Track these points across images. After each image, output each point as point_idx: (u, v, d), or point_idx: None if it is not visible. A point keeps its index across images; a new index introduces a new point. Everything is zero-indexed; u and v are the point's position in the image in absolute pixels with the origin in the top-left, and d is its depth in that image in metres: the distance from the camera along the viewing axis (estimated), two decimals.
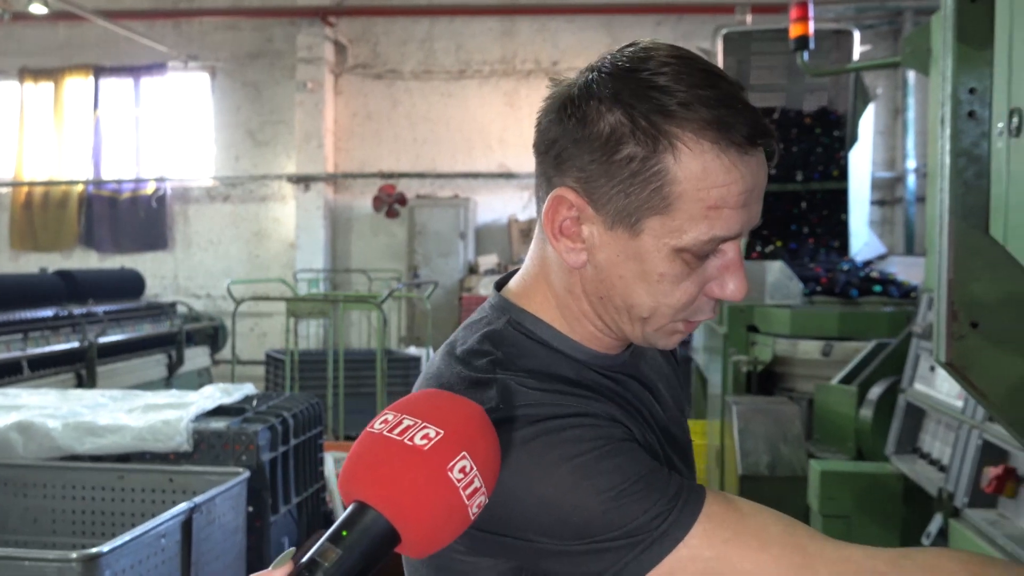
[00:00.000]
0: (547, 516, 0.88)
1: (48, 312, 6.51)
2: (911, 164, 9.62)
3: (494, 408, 0.89)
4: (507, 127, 10.55)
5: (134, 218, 11.02)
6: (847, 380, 3.30)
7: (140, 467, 2.92)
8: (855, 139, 5.18)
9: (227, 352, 8.53)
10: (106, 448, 2.99)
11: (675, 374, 1.18)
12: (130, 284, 8.47)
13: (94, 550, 2.05)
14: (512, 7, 10.57)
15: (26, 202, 11.20)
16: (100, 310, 7.04)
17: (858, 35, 5.48)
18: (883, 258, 5.09)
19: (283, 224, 10.94)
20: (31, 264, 10.43)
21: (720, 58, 5.41)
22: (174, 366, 7.47)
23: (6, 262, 11.13)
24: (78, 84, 11.07)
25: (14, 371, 5.67)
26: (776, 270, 4.04)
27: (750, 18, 7.34)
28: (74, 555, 2.04)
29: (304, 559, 0.75)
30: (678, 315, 0.95)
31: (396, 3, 10.70)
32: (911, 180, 9.57)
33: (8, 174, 11.31)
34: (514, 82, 10.62)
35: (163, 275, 11.04)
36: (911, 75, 9.21)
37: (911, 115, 9.60)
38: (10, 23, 9.92)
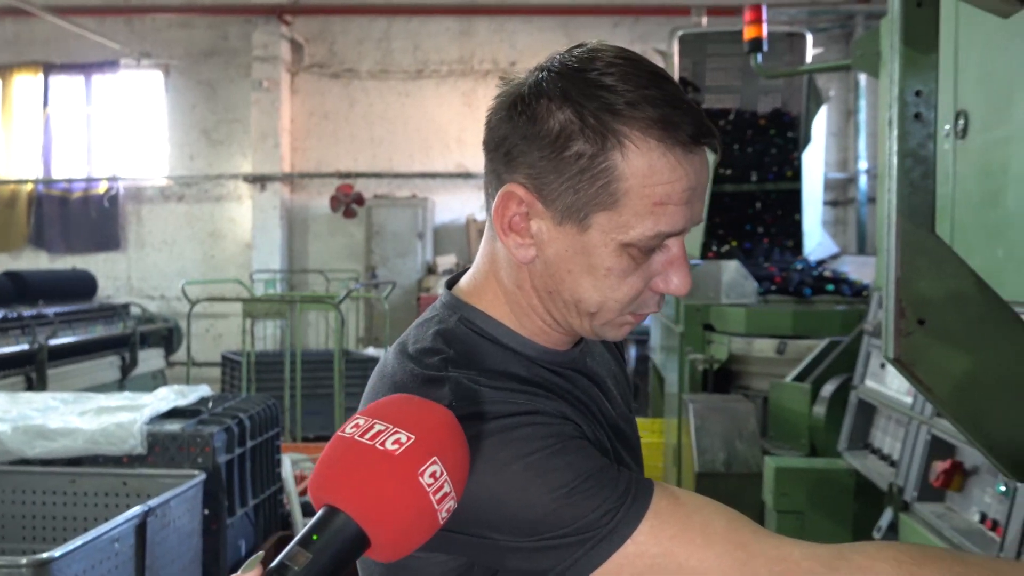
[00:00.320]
0: (499, 513, 0.89)
1: None
2: (863, 165, 9.79)
3: (447, 406, 0.90)
4: (465, 127, 10.54)
5: (86, 218, 10.83)
6: (801, 378, 3.35)
7: (92, 471, 2.88)
8: (808, 140, 5.25)
9: (182, 354, 8.42)
10: (57, 452, 2.94)
11: (623, 372, 1.19)
12: (82, 285, 8.33)
13: (45, 555, 2.02)
14: (470, 7, 10.56)
15: None
16: (50, 312, 6.92)
17: (811, 38, 5.57)
18: (836, 257, 5.15)
19: (239, 224, 10.82)
20: None
21: (676, 59, 5.45)
22: (127, 368, 7.36)
23: None
24: (27, 81, 10.84)
25: None
26: (731, 269, 4.08)
27: (705, 20, 7.41)
28: (24, 560, 2.01)
29: (274, 563, 0.75)
30: (625, 309, 0.97)
31: (353, 2, 10.63)
32: (863, 181, 9.73)
33: None
34: (472, 82, 10.61)
35: (116, 276, 10.86)
36: (863, 78, 9.36)
37: (863, 117, 9.77)
38: None
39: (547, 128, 0.91)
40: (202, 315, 9.43)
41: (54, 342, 6.43)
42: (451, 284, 1.08)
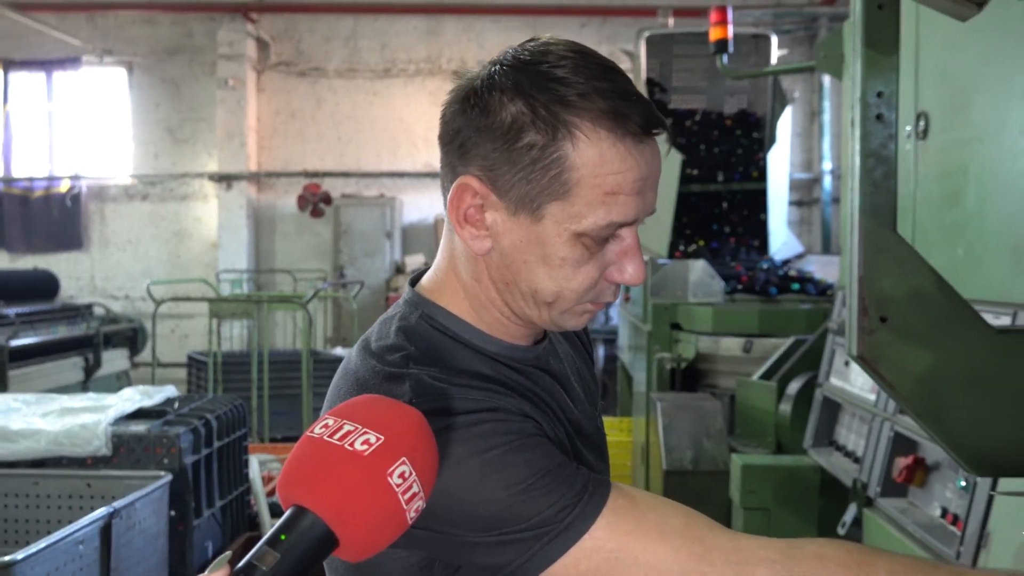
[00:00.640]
0: (457, 508, 0.90)
1: None
2: (827, 166, 9.90)
3: (407, 403, 0.90)
4: (433, 126, 10.30)
5: (47, 217, 10.67)
6: (767, 376, 3.39)
7: (56, 472, 2.84)
8: (774, 141, 5.30)
9: (147, 355, 8.33)
10: (20, 454, 2.90)
11: (590, 371, 1.20)
12: (43, 285, 8.21)
13: (7, 558, 1.99)
14: (437, 6, 10.55)
15: None
16: (11, 312, 6.81)
17: (775, 40, 5.62)
18: (801, 257, 5.21)
19: (205, 223, 10.72)
20: None
21: (643, 60, 5.49)
22: (91, 369, 7.27)
23: None
24: None
25: None
26: (698, 269, 4.11)
27: (672, 21, 7.45)
28: None
29: (242, 563, 0.75)
30: (582, 299, 0.98)
31: (320, 0, 10.58)
32: (827, 181, 9.84)
33: None
34: (440, 81, 10.59)
35: (79, 276, 10.72)
36: (827, 79, 9.47)
37: (827, 118, 9.88)
38: None
39: (499, 120, 0.92)
40: (167, 315, 9.34)
41: (15, 343, 6.33)
42: (415, 281, 1.09)
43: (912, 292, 1.15)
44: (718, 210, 5.39)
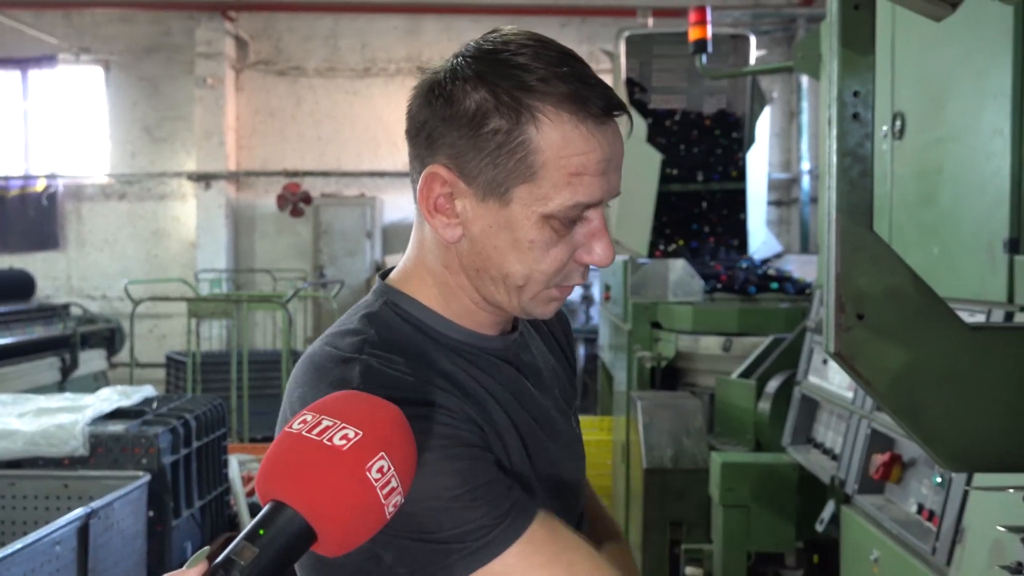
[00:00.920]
0: None
1: None
2: (805, 166, 9.96)
3: (356, 388, 0.91)
4: None
5: (23, 216, 10.57)
6: (746, 374, 3.41)
7: (33, 473, 2.82)
8: (752, 141, 5.32)
9: (124, 355, 8.26)
10: None
11: (567, 372, 1.21)
12: (19, 285, 8.13)
13: None
14: (417, 6, 10.53)
15: None
16: None
17: (754, 40, 5.65)
18: (780, 256, 5.23)
19: (183, 223, 10.65)
20: None
21: (623, 60, 5.50)
22: (68, 370, 7.21)
23: None
24: None
25: None
26: (678, 268, 4.13)
27: (651, 21, 7.48)
28: None
29: (220, 558, 0.75)
30: (551, 281, 1.00)
31: None
32: (805, 181, 9.90)
33: None
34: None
35: (55, 276, 10.62)
36: (805, 80, 9.53)
37: (805, 118, 9.94)
38: None
39: (464, 108, 0.94)
40: (145, 315, 9.27)
41: None
42: (385, 274, 1.11)
43: (888, 290, 1.17)
44: (698, 210, 5.41)
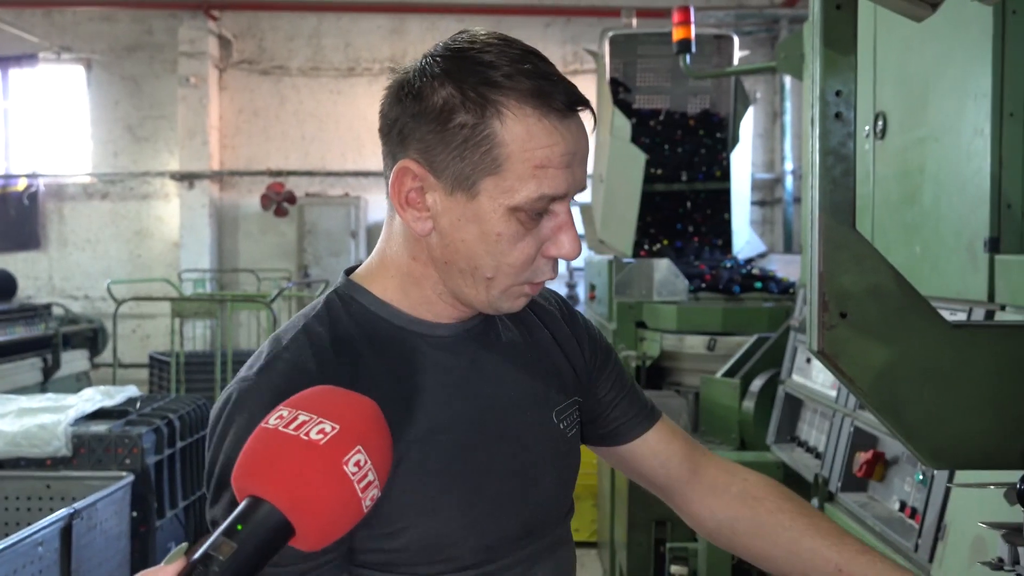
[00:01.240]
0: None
1: None
2: (788, 166, 10.00)
3: (250, 366, 1.00)
4: None
5: (4, 216, 10.49)
6: (730, 373, 3.42)
7: (14, 474, 2.80)
8: (736, 141, 5.34)
9: (107, 355, 8.21)
10: None
11: (550, 371, 1.18)
12: (0, 285, 8.06)
13: None
14: (401, 6, 10.51)
15: None
16: None
17: (737, 41, 5.67)
18: (763, 256, 5.25)
19: (166, 223, 10.59)
20: None
21: (607, 60, 5.50)
22: (50, 370, 7.16)
23: None
24: None
25: None
26: (663, 268, 4.14)
27: (635, 22, 7.49)
28: None
29: (198, 553, 0.75)
30: (520, 275, 1.02)
31: None
32: (789, 181, 9.95)
33: None
34: None
35: (36, 276, 10.55)
36: (788, 81, 9.58)
37: (788, 119, 9.98)
38: None
39: (432, 104, 0.97)
40: (128, 315, 9.22)
41: None
42: (350, 271, 1.15)
43: (871, 288, 1.17)
44: (682, 209, 5.43)
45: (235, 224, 10.70)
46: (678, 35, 4.30)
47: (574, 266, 10.08)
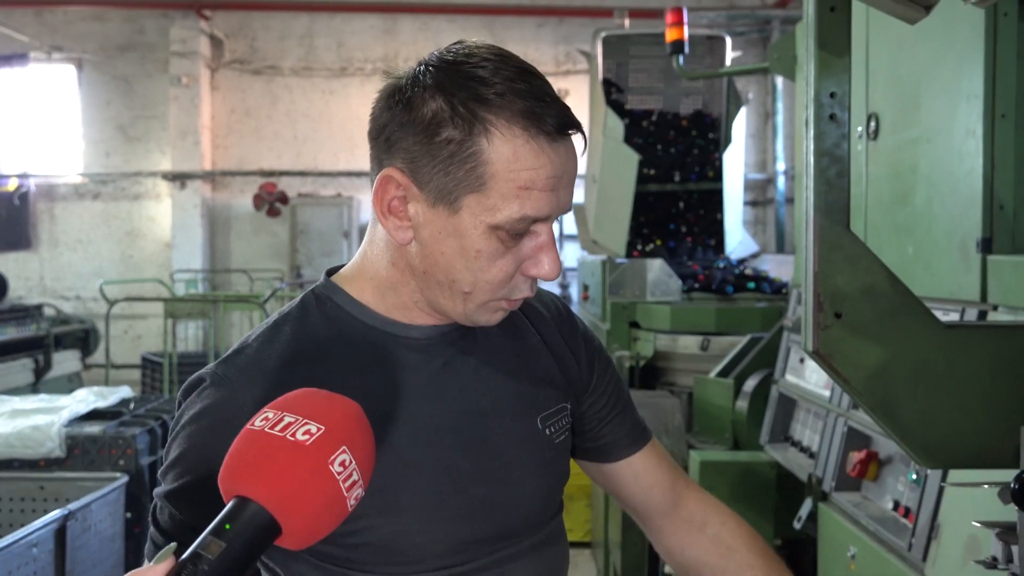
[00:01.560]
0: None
1: None
2: (780, 167, 10.02)
3: (209, 375, 1.01)
4: None
5: None
6: (724, 373, 3.43)
7: (7, 475, 2.79)
8: (729, 141, 5.36)
9: (99, 356, 8.19)
10: None
11: (541, 377, 1.17)
12: None
13: None
14: (394, 5, 10.50)
15: None
16: None
17: (730, 41, 5.68)
18: (756, 256, 5.27)
19: (158, 223, 10.57)
20: None
21: (600, 60, 5.51)
22: (41, 371, 7.13)
23: None
24: None
25: None
26: (656, 268, 4.15)
27: (628, 22, 7.50)
28: None
29: (187, 553, 0.76)
30: (497, 292, 1.01)
31: None
32: (781, 182, 9.97)
33: None
34: None
35: (28, 276, 10.51)
36: (780, 81, 9.59)
37: (780, 119, 10.01)
38: None
39: (421, 115, 0.96)
40: (120, 316, 9.20)
41: None
42: (331, 272, 1.16)
43: (865, 288, 1.18)
44: (675, 210, 5.44)
45: (227, 224, 10.68)
46: (671, 36, 4.31)
47: (567, 266, 10.09)
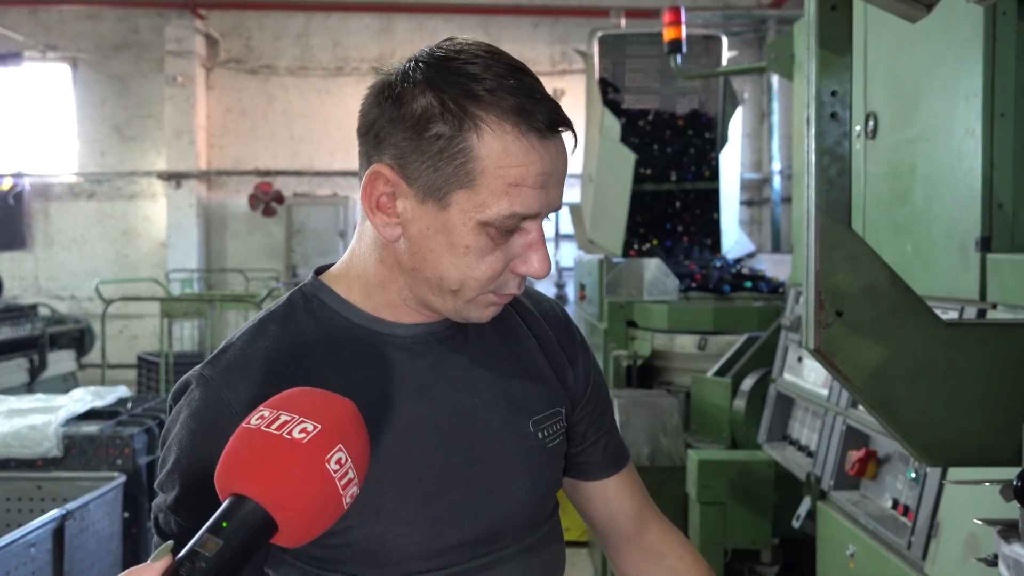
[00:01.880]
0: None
1: None
2: (776, 166, 10.03)
3: (197, 377, 1.01)
4: None
5: None
6: (721, 372, 3.43)
7: (5, 475, 2.78)
8: (725, 141, 5.36)
9: (94, 356, 8.18)
10: None
11: (533, 379, 1.15)
12: None
13: None
14: (389, 5, 10.50)
15: None
16: None
17: (726, 41, 5.69)
18: (752, 256, 5.27)
19: (153, 223, 10.55)
20: None
21: (596, 60, 5.52)
22: (36, 371, 7.11)
23: None
24: None
25: None
26: (653, 267, 4.15)
27: (624, 22, 7.50)
28: None
29: (184, 550, 0.77)
30: (486, 288, 1.01)
31: None
32: (776, 181, 9.98)
33: None
34: None
35: (22, 276, 10.48)
36: (775, 81, 9.60)
37: (776, 119, 10.01)
38: None
39: (410, 111, 0.96)
40: (115, 316, 9.17)
41: None
42: (320, 271, 1.14)
43: (866, 287, 1.18)
44: (671, 209, 5.45)
45: (223, 224, 10.67)
46: (669, 35, 4.32)
47: (563, 266, 10.09)
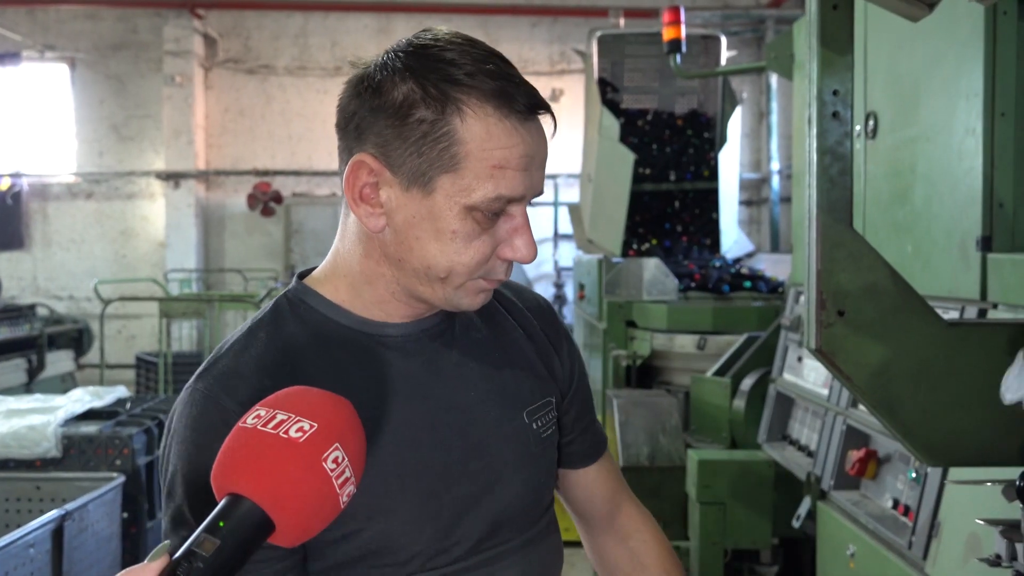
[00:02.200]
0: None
1: None
2: (775, 166, 10.03)
3: (193, 385, 1.00)
4: None
5: None
6: (721, 372, 3.43)
7: (3, 475, 2.78)
8: (724, 141, 5.36)
9: (93, 356, 8.17)
10: None
11: (525, 373, 1.15)
12: None
13: None
14: (388, 5, 10.50)
15: None
16: None
17: (725, 41, 5.69)
18: (751, 255, 5.27)
19: (152, 223, 10.54)
20: None
21: (595, 60, 5.51)
22: (35, 371, 7.11)
23: None
24: None
25: None
26: (652, 267, 4.15)
27: (623, 22, 7.50)
28: None
29: (181, 550, 0.76)
30: (474, 274, 1.01)
31: None
32: (775, 181, 9.98)
33: None
34: None
35: (20, 276, 10.47)
36: (774, 81, 9.60)
37: (774, 119, 10.02)
38: None
39: (392, 98, 0.96)
40: (114, 316, 9.17)
41: None
42: (303, 275, 1.13)
43: (868, 286, 1.18)
44: (670, 209, 5.44)
45: (221, 224, 10.66)
46: (668, 35, 4.31)
47: (562, 265, 10.09)
